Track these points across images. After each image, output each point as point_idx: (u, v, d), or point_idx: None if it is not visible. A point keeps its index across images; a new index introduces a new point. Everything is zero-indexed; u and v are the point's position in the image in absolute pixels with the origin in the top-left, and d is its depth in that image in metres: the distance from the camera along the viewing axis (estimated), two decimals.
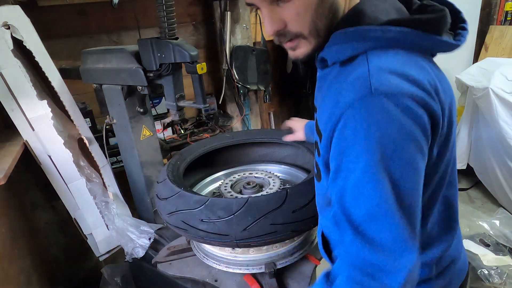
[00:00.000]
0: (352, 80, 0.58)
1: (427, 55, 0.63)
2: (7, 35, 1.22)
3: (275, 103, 2.87)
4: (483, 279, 1.86)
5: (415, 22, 0.59)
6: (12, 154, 1.22)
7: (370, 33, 0.59)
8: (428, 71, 0.59)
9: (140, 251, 1.42)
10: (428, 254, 0.72)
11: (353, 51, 0.61)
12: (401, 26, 0.58)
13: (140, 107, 1.40)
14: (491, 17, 3.12)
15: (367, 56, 0.59)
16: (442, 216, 0.72)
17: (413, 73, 0.56)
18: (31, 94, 1.26)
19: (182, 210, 1.02)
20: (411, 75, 0.56)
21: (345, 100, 0.57)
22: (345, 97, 0.57)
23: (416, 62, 0.59)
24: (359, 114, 0.55)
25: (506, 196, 2.52)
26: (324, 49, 0.66)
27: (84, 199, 1.45)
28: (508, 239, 2.10)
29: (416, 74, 0.57)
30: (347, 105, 0.56)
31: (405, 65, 0.57)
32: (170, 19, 1.18)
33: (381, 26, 0.59)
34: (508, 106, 2.28)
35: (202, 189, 1.44)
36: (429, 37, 0.59)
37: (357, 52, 0.61)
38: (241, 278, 1.13)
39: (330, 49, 0.64)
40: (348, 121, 0.56)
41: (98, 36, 2.02)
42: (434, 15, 0.60)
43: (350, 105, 0.56)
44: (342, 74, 0.62)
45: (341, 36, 0.62)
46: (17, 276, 1.25)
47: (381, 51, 0.59)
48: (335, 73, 0.65)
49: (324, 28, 0.64)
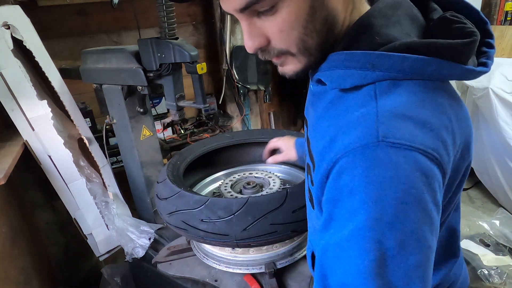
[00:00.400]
0: (355, 119, 0.48)
1: (446, 82, 0.53)
2: (7, 35, 1.22)
3: (275, 103, 2.87)
4: (483, 279, 1.86)
5: (438, 48, 0.48)
6: (12, 154, 1.22)
7: (382, 61, 0.49)
8: (446, 109, 0.49)
9: (140, 251, 1.42)
10: None
11: (360, 80, 0.51)
12: (419, 53, 0.47)
13: (140, 107, 1.40)
14: (491, 17, 3.12)
15: (375, 90, 0.49)
16: (444, 243, 0.65)
17: (429, 116, 0.46)
18: (31, 94, 1.26)
19: (182, 210, 1.02)
20: (427, 120, 0.46)
21: (345, 142, 0.47)
22: (344, 138, 0.48)
23: (433, 99, 0.49)
24: (359, 164, 0.45)
25: (506, 196, 2.52)
26: (322, 70, 0.56)
27: (84, 199, 1.45)
28: (508, 239, 2.10)
29: (432, 118, 0.47)
30: (347, 150, 0.46)
31: (421, 106, 0.47)
32: (170, 19, 1.18)
33: (397, 54, 0.48)
34: (508, 106, 2.28)
35: (202, 189, 1.44)
36: (453, 67, 0.48)
37: (365, 82, 0.50)
38: (241, 278, 1.13)
39: (331, 72, 0.54)
40: (346, 170, 0.46)
41: (98, 36, 2.02)
42: (463, 41, 0.48)
43: (350, 151, 0.46)
44: (344, 101, 0.53)
45: (346, 59, 0.52)
46: (17, 276, 1.25)
47: (393, 84, 0.49)
48: (334, 96, 0.56)
49: (316, 46, 0.54)
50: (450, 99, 0.51)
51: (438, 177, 0.46)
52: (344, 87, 0.53)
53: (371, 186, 0.44)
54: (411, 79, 0.49)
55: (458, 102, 0.53)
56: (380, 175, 0.43)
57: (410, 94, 0.48)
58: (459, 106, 0.52)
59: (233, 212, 0.95)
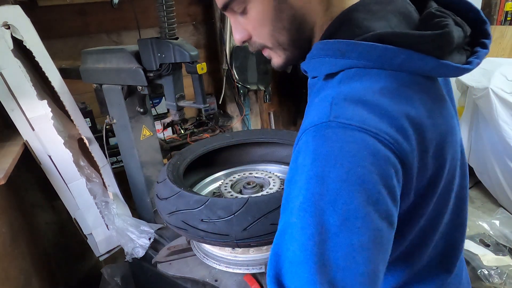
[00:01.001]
0: (316, 103, 0.50)
1: (426, 78, 0.52)
2: (7, 35, 1.22)
3: (275, 103, 2.86)
4: (483, 279, 1.86)
5: (408, 38, 0.48)
6: (12, 154, 1.21)
7: (351, 49, 0.50)
8: (413, 101, 0.48)
9: (140, 251, 1.42)
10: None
11: (330, 69, 0.53)
12: (392, 43, 0.48)
13: (140, 107, 1.40)
14: (491, 17, 3.12)
15: (341, 76, 0.51)
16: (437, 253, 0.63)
17: (388, 104, 0.46)
18: (31, 94, 1.26)
19: (182, 210, 1.02)
20: (384, 107, 0.46)
21: (304, 125, 0.49)
22: (305, 120, 0.50)
23: (399, 89, 0.48)
24: (311, 143, 0.46)
25: (506, 196, 2.52)
26: (305, 60, 0.59)
27: (84, 199, 1.45)
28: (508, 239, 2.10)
29: (391, 106, 0.46)
30: (303, 131, 0.48)
31: (381, 93, 0.47)
32: (170, 19, 1.18)
33: (366, 42, 0.49)
34: (508, 106, 2.28)
35: (202, 189, 1.44)
36: (424, 59, 0.48)
37: (336, 70, 0.52)
38: (241, 278, 1.13)
39: (309, 62, 0.57)
40: (301, 150, 0.48)
41: (98, 36, 2.02)
42: (433, 32, 0.48)
43: (305, 131, 0.48)
44: (324, 89, 0.54)
45: (320, 48, 0.54)
46: (17, 276, 1.25)
47: (361, 72, 0.50)
48: (320, 85, 0.57)
49: (287, 42, 0.59)
50: (425, 95, 0.50)
51: (393, 162, 0.45)
52: (319, 74, 0.56)
53: (317, 163, 0.44)
54: (380, 68, 0.49)
55: (436, 100, 0.52)
56: (326, 152, 0.44)
57: (374, 82, 0.48)
58: (437, 104, 0.52)
59: (233, 212, 0.95)
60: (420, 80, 0.51)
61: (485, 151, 2.58)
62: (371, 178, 0.43)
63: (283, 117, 2.97)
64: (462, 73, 0.50)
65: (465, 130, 2.71)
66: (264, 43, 0.61)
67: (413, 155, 0.47)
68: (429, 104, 0.50)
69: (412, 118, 0.47)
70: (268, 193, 1.21)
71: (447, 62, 0.48)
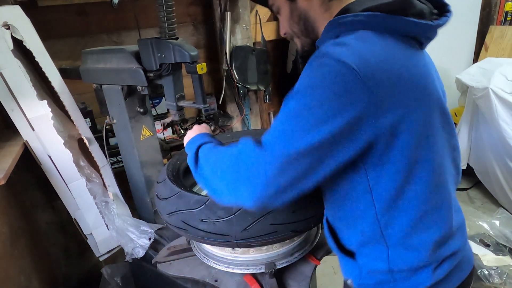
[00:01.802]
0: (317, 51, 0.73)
1: (409, 41, 0.74)
2: (7, 35, 1.22)
3: (275, 103, 2.86)
4: (483, 279, 1.86)
5: (384, 6, 0.70)
6: (12, 154, 1.22)
7: (343, 19, 0.72)
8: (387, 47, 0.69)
9: (140, 251, 1.42)
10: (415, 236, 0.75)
11: (333, 35, 0.75)
12: (374, 10, 0.69)
13: (140, 107, 1.40)
14: (491, 17, 3.12)
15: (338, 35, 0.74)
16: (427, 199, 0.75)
17: (362, 46, 0.67)
18: (31, 94, 1.26)
19: (182, 210, 1.02)
20: (357, 48, 0.66)
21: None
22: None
23: (375, 39, 0.69)
24: (308, 65, 0.69)
25: (506, 196, 2.52)
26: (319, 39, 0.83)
27: (84, 199, 1.45)
28: (508, 239, 2.10)
29: (363, 47, 0.67)
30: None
31: (360, 40, 0.68)
32: (170, 19, 1.18)
33: (353, 13, 0.71)
34: (508, 106, 2.28)
35: (202, 189, 1.44)
36: (394, 18, 0.69)
37: (335, 35, 0.75)
38: (241, 278, 1.13)
39: (321, 37, 0.81)
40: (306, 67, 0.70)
41: (98, 36, 2.01)
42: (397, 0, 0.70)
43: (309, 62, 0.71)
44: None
45: (327, 26, 0.78)
46: (17, 276, 1.25)
47: (351, 33, 0.71)
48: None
49: (299, 32, 0.88)
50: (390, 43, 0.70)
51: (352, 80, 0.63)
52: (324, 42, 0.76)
53: (310, 75, 0.68)
54: (367, 29, 0.70)
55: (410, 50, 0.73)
56: (314, 69, 0.67)
57: (358, 35, 0.70)
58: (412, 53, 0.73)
59: (233, 212, 0.95)
60: (406, 42, 0.73)
61: (485, 151, 2.58)
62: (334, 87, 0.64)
63: None
64: (428, 29, 0.73)
65: (465, 130, 2.71)
66: (291, 33, 0.90)
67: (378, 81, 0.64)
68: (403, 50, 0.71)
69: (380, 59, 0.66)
70: None
71: (413, 19, 0.69)
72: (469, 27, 3.12)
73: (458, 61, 3.15)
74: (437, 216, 0.77)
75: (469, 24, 3.10)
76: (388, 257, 0.77)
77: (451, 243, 0.80)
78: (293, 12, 0.84)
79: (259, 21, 2.43)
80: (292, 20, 0.86)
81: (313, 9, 0.82)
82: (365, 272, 0.81)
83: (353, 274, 0.84)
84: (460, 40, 3.07)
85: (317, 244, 1.21)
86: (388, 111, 0.65)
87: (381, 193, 0.73)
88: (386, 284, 0.79)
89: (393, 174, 0.71)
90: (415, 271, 0.77)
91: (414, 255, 0.76)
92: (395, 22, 0.69)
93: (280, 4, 0.87)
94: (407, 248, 0.76)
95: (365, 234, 0.78)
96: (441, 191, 0.78)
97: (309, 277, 1.12)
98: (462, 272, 0.84)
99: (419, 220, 0.75)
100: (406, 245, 0.76)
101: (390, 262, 0.77)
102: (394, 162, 0.70)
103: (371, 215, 0.75)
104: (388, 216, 0.74)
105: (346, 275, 0.87)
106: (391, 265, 0.77)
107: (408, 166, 0.71)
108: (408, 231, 0.75)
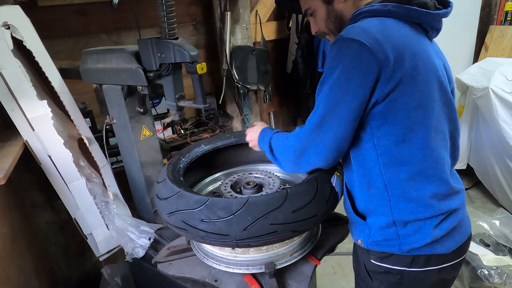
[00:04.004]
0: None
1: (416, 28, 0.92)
2: (7, 35, 1.22)
3: (275, 103, 2.87)
4: (483, 279, 1.86)
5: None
6: (12, 154, 1.22)
7: (363, 9, 0.93)
8: (389, 28, 0.87)
9: (140, 251, 1.42)
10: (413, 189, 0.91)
11: (353, 22, 0.93)
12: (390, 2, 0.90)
13: (140, 107, 1.40)
14: (491, 17, 3.12)
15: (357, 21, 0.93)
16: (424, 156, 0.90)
17: (372, 28, 0.85)
18: (31, 94, 1.26)
19: (182, 210, 1.02)
20: (369, 30, 0.84)
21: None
22: None
23: (381, 23, 0.87)
24: (332, 46, 0.89)
25: (506, 196, 2.52)
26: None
27: (84, 199, 1.45)
28: (508, 239, 2.10)
29: (373, 29, 0.84)
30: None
31: (371, 25, 0.87)
32: (170, 19, 1.18)
33: (370, 4, 0.92)
34: (508, 106, 2.28)
35: (202, 189, 1.44)
36: (400, 7, 0.88)
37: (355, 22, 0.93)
38: (241, 278, 1.13)
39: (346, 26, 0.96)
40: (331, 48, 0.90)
41: (98, 36, 2.02)
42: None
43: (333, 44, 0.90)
44: None
45: (350, 18, 0.97)
46: (17, 276, 1.25)
47: (368, 19, 0.90)
48: None
49: (334, 29, 1.04)
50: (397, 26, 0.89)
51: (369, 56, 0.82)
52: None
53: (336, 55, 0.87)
54: (382, 16, 0.90)
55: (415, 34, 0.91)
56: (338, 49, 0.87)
57: (375, 21, 0.89)
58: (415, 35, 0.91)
59: (233, 212, 0.95)
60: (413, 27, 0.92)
61: (485, 151, 2.58)
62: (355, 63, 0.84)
63: (283, 117, 2.98)
64: (430, 17, 0.90)
65: (465, 130, 2.71)
66: (324, 31, 1.06)
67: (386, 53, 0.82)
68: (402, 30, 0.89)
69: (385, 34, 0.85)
70: (268, 193, 1.21)
71: (415, 7, 0.88)
72: (469, 27, 3.11)
73: (458, 61, 3.15)
74: (432, 174, 0.92)
75: (469, 24, 3.10)
76: (391, 209, 0.93)
77: (449, 201, 0.94)
78: (330, 13, 1.01)
79: (259, 21, 2.43)
80: (329, 20, 1.02)
81: (347, 9, 0.99)
82: (375, 230, 0.97)
83: (363, 233, 1.00)
84: (460, 40, 3.07)
85: (317, 244, 1.21)
86: (393, 77, 0.83)
87: (384, 150, 0.90)
88: (391, 241, 0.95)
89: (393, 135, 0.88)
90: (416, 227, 0.92)
91: (412, 206, 0.92)
92: (400, 9, 0.88)
93: (316, 7, 1.03)
94: (407, 200, 0.92)
95: (372, 190, 0.95)
96: (435, 155, 0.92)
97: (309, 277, 1.12)
98: (460, 235, 0.98)
99: (416, 175, 0.91)
100: (406, 198, 0.92)
101: (393, 213, 0.93)
102: (394, 122, 0.87)
103: (376, 170, 0.93)
104: (391, 171, 0.91)
105: (357, 236, 1.03)
106: (394, 216, 0.93)
107: (406, 127, 0.87)
108: (407, 185, 0.91)
